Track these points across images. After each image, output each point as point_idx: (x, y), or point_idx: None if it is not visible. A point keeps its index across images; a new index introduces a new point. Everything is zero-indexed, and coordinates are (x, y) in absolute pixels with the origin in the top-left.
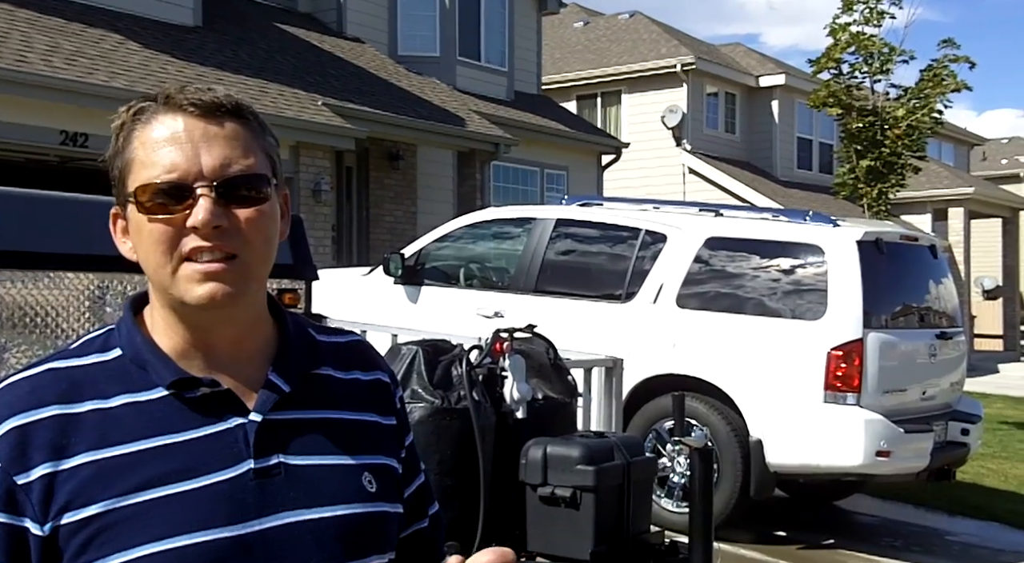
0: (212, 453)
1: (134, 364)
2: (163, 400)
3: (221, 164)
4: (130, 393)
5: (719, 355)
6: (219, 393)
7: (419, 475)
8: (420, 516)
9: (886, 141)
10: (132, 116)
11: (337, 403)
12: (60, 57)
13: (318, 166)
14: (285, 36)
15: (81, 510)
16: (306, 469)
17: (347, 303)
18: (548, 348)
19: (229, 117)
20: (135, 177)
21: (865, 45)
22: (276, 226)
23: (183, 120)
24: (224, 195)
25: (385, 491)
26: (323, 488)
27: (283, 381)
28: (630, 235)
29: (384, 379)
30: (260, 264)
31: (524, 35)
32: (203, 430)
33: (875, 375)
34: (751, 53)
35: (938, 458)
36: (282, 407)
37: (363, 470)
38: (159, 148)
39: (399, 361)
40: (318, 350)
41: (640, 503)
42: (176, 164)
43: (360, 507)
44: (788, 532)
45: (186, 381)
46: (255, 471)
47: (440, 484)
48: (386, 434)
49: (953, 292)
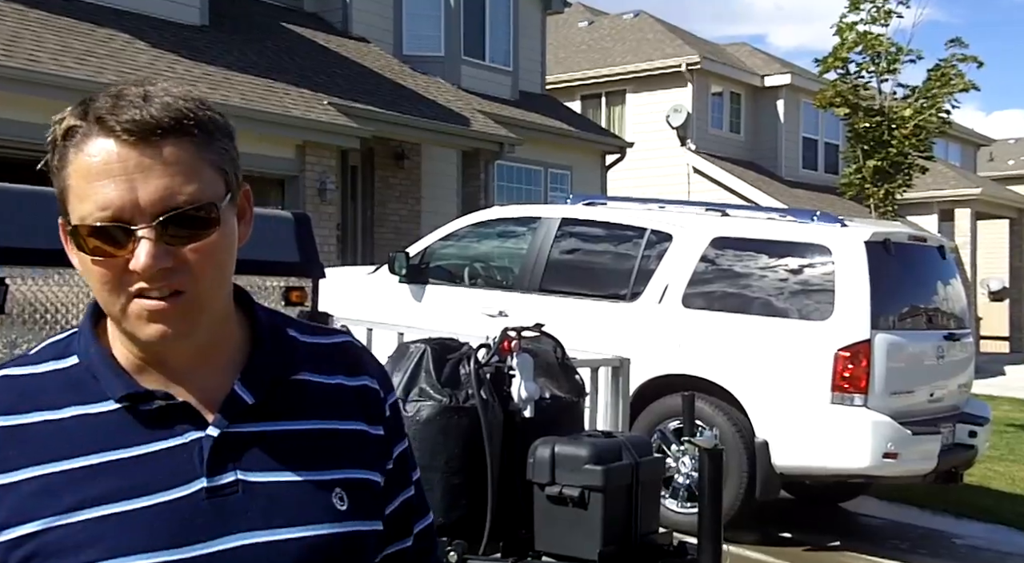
0: (163, 470)
1: (89, 374)
2: (115, 413)
3: (161, 197)
4: (82, 405)
5: (725, 355)
6: (175, 406)
7: (407, 488)
8: (403, 534)
9: (893, 141)
10: (63, 137)
11: (314, 412)
12: (70, 57)
13: (323, 165)
14: (291, 36)
15: (19, 527)
16: (266, 486)
17: (352, 302)
18: (556, 347)
19: (168, 138)
20: (72, 209)
21: (872, 44)
22: (231, 246)
23: (116, 147)
24: (167, 231)
25: (359, 509)
26: (284, 507)
27: (248, 391)
28: (635, 234)
29: (372, 385)
30: (212, 294)
31: (528, 34)
32: (155, 445)
33: (883, 376)
34: (756, 53)
35: (946, 460)
36: (247, 419)
37: (334, 486)
38: (92, 180)
39: (407, 359)
40: (296, 353)
41: (648, 503)
42: (110, 201)
43: (327, 528)
44: (794, 534)
45: (138, 395)
46: (208, 489)
47: (448, 482)
48: (371, 445)
49: (961, 293)
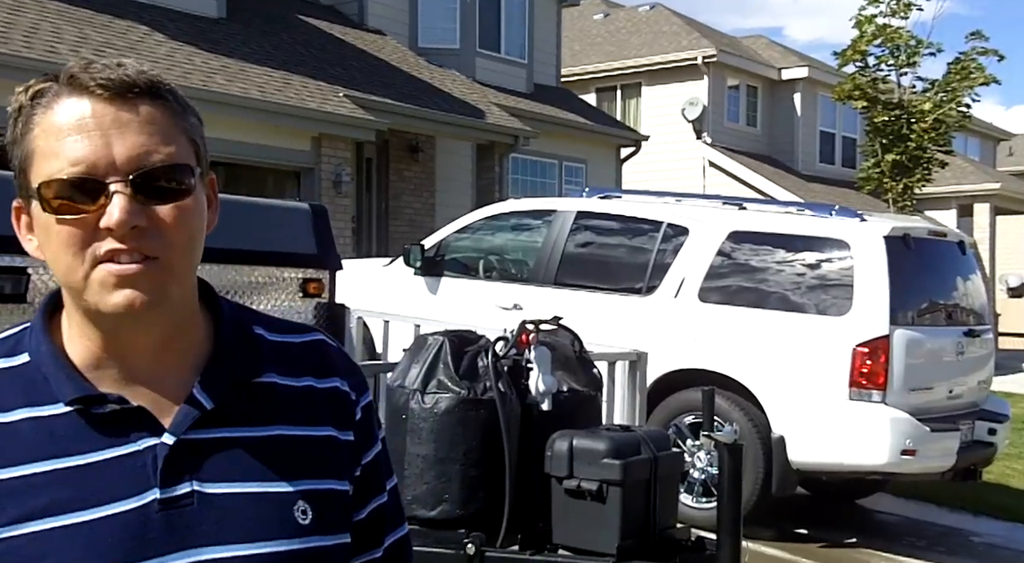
0: (115, 479)
1: (40, 373)
2: (66, 417)
3: (137, 154)
4: (32, 407)
5: (741, 350)
6: (129, 410)
7: (380, 495)
8: (372, 544)
9: (912, 135)
10: (31, 99)
11: (280, 417)
12: (89, 48)
13: (339, 157)
14: (308, 28)
15: None
16: (223, 498)
17: (367, 293)
18: (573, 340)
19: (144, 98)
20: (37, 170)
21: (892, 37)
22: (202, 220)
23: (91, 104)
24: (142, 190)
25: (324, 523)
26: (241, 521)
27: (207, 396)
28: (652, 228)
29: (342, 387)
30: (184, 265)
31: (544, 27)
32: (107, 453)
33: (901, 373)
34: (773, 45)
35: (964, 458)
36: (206, 425)
37: (297, 499)
38: (63, 137)
39: (426, 351)
40: (262, 353)
41: (667, 498)
42: (84, 156)
43: (286, 544)
44: (810, 530)
45: (91, 398)
46: (161, 501)
47: (466, 474)
48: (340, 451)
49: (981, 289)
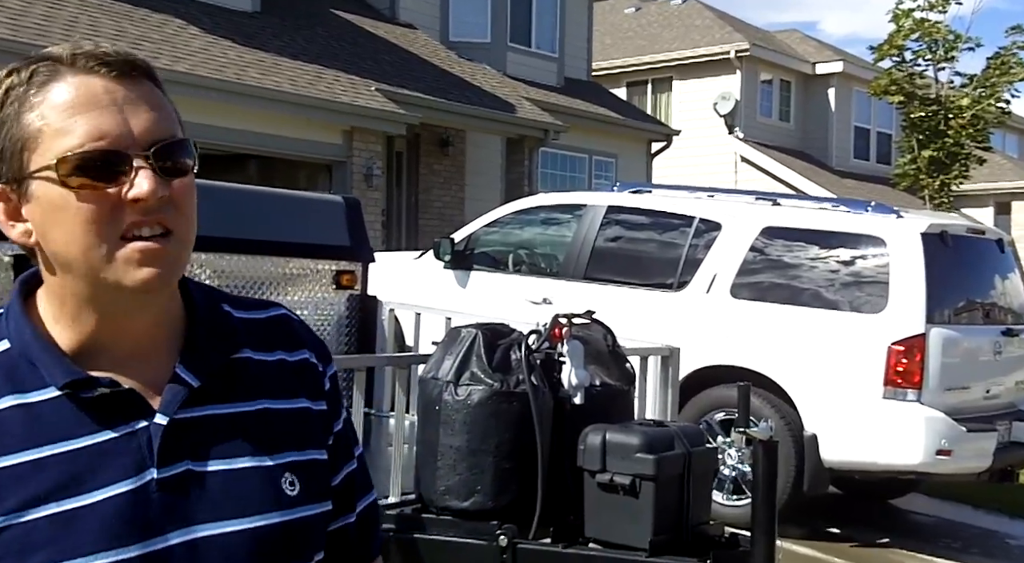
0: (111, 462)
1: (24, 359)
2: (56, 401)
3: (151, 129)
4: (18, 394)
5: (774, 347)
6: (120, 392)
7: (351, 462)
8: (347, 509)
9: (949, 131)
10: (27, 78)
11: (260, 392)
12: (126, 42)
13: (370, 151)
14: (340, 22)
15: None
16: (217, 475)
17: (398, 286)
18: (606, 335)
19: (143, 77)
20: (45, 149)
21: (929, 32)
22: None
23: (100, 81)
24: (159, 164)
25: (310, 492)
26: (235, 497)
27: (192, 374)
28: (683, 223)
29: (311, 359)
30: (191, 240)
31: (575, 21)
32: (101, 436)
33: (937, 372)
34: (808, 40)
35: (1001, 458)
36: (193, 403)
37: (284, 471)
38: (76, 113)
39: (459, 343)
40: (236, 330)
41: (700, 494)
42: (104, 130)
43: (278, 516)
44: (842, 529)
45: (81, 382)
46: (159, 481)
47: (498, 467)
48: (315, 421)
49: (1020, 288)
